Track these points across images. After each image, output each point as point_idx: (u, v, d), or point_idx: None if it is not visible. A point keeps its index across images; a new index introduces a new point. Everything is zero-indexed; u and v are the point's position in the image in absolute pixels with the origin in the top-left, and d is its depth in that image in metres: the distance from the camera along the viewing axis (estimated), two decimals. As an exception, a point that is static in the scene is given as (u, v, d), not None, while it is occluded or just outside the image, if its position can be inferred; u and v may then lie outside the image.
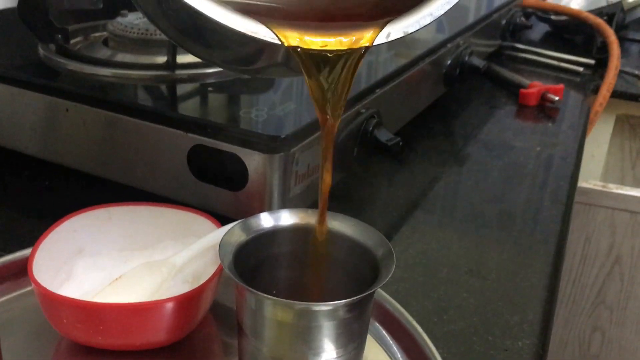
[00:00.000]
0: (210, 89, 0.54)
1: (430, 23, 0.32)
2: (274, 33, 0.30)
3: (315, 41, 0.31)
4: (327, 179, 0.34)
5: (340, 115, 0.33)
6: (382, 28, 0.31)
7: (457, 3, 0.33)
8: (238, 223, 0.35)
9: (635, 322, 1.02)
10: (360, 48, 0.31)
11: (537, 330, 0.44)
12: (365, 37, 0.31)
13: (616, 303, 1.02)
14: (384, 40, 0.31)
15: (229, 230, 0.34)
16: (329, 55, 0.31)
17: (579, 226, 0.99)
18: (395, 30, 0.32)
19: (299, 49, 0.31)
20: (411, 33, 0.32)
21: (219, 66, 0.54)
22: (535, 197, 0.64)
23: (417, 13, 0.32)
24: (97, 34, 0.65)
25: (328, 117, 0.33)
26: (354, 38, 0.31)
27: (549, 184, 0.68)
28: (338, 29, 0.32)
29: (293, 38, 0.30)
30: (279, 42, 0.30)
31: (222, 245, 0.33)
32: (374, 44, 0.31)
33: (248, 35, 0.29)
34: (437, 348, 0.39)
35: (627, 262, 0.99)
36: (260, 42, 0.30)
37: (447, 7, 0.33)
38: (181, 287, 0.41)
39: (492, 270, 0.51)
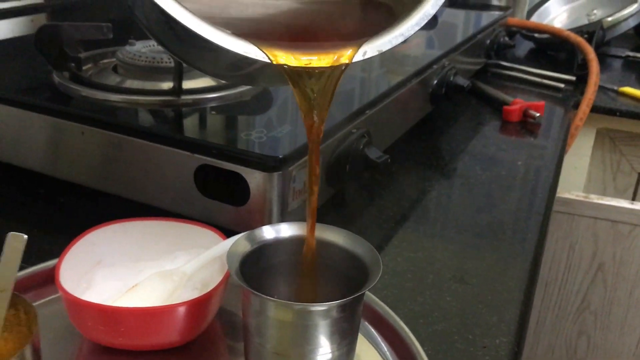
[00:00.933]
0: (213, 112, 0.59)
1: (400, 43, 0.36)
2: (264, 52, 0.34)
3: (300, 59, 0.35)
4: (315, 188, 0.39)
5: (324, 119, 0.37)
6: (359, 47, 0.36)
7: (433, 25, 0.37)
8: (243, 235, 0.40)
9: (619, 327, 1.07)
10: (340, 65, 0.36)
11: (513, 330, 0.49)
12: (344, 55, 0.36)
13: (600, 308, 1.06)
14: (361, 58, 0.36)
15: (236, 241, 0.39)
16: (313, 71, 0.35)
17: (563, 235, 1.03)
18: (371, 49, 0.36)
19: (286, 66, 0.35)
20: (384, 51, 0.36)
21: (220, 77, 0.58)
22: (516, 208, 0.69)
23: (389, 33, 0.36)
24: (105, 61, 0.70)
25: (314, 122, 0.37)
26: (334, 56, 0.35)
27: (529, 195, 0.72)
28: (321, 48, 0.36)
29: (281, 56, 0.35)
30: (269, 61, 0.35)
31: (229, 254, 0.38)
32: (353, 61, 0.36)
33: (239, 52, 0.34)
34: (422, 346, 0.44)
35: (610, 269, 1.04)
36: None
37: (417, 28, 0.37)
38: (191, 293, 0.45)
39: (474, 276, 0.55)
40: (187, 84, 0.61)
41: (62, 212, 0.61)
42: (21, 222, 0.59)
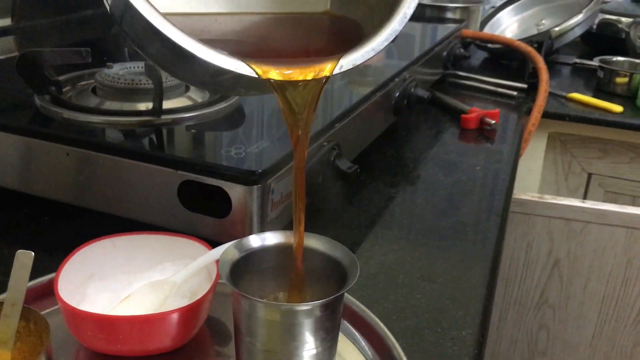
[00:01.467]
0: (193, 130, 0.62)
1: (372, 56, 0.41)
2: (253, 69, 0.38)
3: (285, 73, 0.39)
4: (301, 190, 0.42)
5: (309, 132, 0.41)
6: (337, 61, 0.40)
7: (394, 40, 0.42)
8: (232, 243, 0.43)
9: (576, 319, 1.13)
10: (321, 78, 0.40)
11: (477, 322, 0.53)
12: (325, 69, 0.40)
13: (557, 302, 1.13)
14: (339, 71, 0.40)
15: (226, 249, 0.42)
16: (297, 84, 0.39)
17: (520, 234, 1.10)
18: (346, 63, 0.40)
19: (272, 81, 0.39)
20: (359, 65, 0.40)
21: (203, 85, 0.61)
22: (476, 211, 0.74)
23: (362, 48, 0.41)
24: (83, 83, 0.73)
25: (300, 134, 0.41)
26: (316, 70, 0.40)
27: (488, 198, 0.78)
28: (302, 63, 0.40)
29: (268, 72, 0.39)
30: (257, 76, 0.38)
31: (221, 261, 0.41)
32: (333, 73, 0.40)
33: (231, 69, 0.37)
34: (397, 340, 0.48)
35: (565, 265, 1.10)
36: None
37: (386, 44, 0.42)
38: (181, 302, 0.48)
39: (440, 275, 0.60)
40: (164, 104, 0.64)
41: (48, 230, 0.63)
42: (6, 241, 0.61)
